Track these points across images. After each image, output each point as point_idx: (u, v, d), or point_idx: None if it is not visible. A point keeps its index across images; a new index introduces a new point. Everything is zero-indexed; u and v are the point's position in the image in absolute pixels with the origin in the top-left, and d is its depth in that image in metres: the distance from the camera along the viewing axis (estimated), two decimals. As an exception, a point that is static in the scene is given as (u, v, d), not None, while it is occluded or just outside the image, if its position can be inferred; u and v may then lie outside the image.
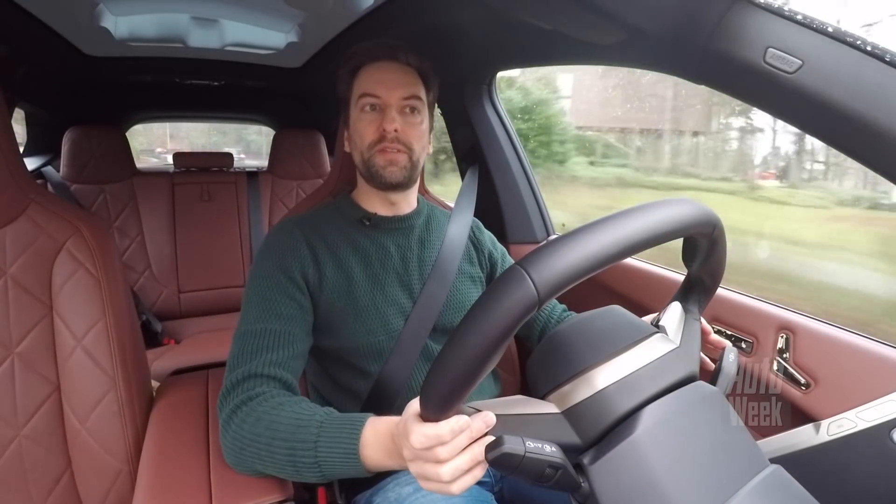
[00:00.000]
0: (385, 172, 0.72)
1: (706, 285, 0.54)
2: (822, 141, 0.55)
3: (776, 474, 0.40)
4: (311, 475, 0.54)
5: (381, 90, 0.72)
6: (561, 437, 0.40)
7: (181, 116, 2.65)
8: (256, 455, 0.56)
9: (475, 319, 0.35)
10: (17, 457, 0.67)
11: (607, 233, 0.36)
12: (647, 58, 0.73)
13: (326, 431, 0.53)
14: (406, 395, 0.72)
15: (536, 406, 0.43)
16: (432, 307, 0.76)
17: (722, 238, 0.47)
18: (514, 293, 0.34)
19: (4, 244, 0.67)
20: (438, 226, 0.85)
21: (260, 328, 0.64)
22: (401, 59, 0.74)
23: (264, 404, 0.57)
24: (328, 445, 0.52)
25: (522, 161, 1.34)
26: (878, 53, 0.47)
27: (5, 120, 0.68)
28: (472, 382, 0.36)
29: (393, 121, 0.71)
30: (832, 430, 0.65)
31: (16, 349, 0.66)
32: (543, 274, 0.34)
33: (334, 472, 0.53)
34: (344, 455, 0.52)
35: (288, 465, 0.54)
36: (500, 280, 0.35)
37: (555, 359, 0.45)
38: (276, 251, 0.71)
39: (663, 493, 0.36)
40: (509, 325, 0.34)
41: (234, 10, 1.18)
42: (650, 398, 0.42)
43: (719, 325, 0.84)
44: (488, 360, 0.35)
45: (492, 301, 0.35)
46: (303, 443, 0.53)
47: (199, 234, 1.79)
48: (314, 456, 0.53)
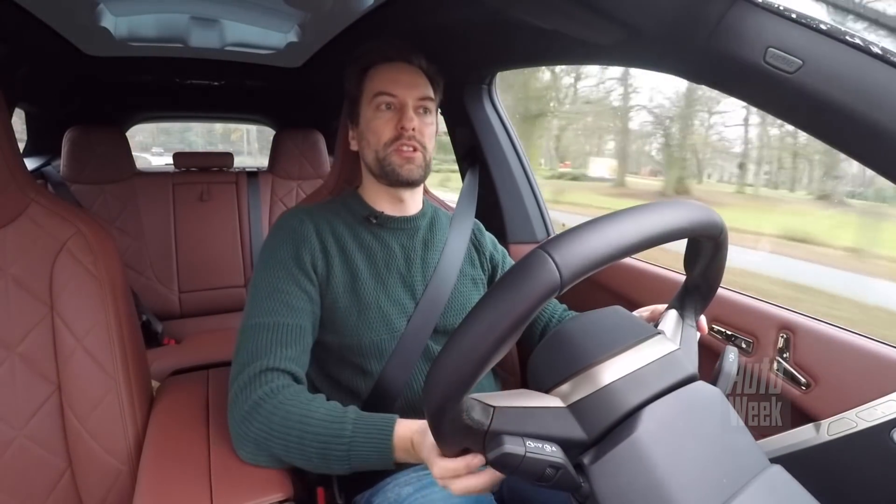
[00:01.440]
0: (402, 171, 0.73)
1: (703, 292, 0.54)
2: (822, 141, 0.55)
3: (777, 474, 0.40)
4: (339, 467, 0.59)
5: (399, 89, 0.73)
6: (566, 432, 0.40)
7: (181, 116, 2.65)
8: (284, 446, 0.59)
9: (492, 299, 0.34)
10: (18, 457, 0.67)
11: (628, 223, 0.37)
12: (646, 57, 0.73)
13: (360, 429, 0.58)
14: (407, 396, 0.72)
15: (541, 399, 0.42)
16: (434, 308, 0.76)
17: (726, 243, 0.47)
18: (536, 274, 0.33)
19: (5, 244, 0.67)
20: (441, 227, 0.86)
21: (272, 321, 0.65)
22: (413, 61, 0.76)
23: (291, 398, 0.60)
24: (361, 442, 0.57)
25: (522, 161, 1.34)
26: (878, 53, 0.47)
27: (5, 120, 0.68)
28: (477, 373, 0.35)
29: (412, 119, 0.72)
30: (832, 430, 0.65)
31: (16, 349, 0.66)
32: (566, 257, 0.33)
33: (362, 465, 0.58)
34: (376, 451, 0.57)
35: (317, 457, 0.58)
36: (520, 262, 0.34)
37: (559, 354, 0.45)
38: (289, 238, 0.72)
39: (664, 494, 0.36)
40: (529, 308, 0.33)
41: (234, 10, 1.18)
42: (656, 394, 0.42)
43: (719, 325, 0.84)
44: (501, 345, 0.34)
45: (512, 282, 0.33)
46: (337, 438, 0.57)
47: (200, 234, 1.79)
48: (347, 451, 0.57)
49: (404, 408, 0.72)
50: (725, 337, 0.83)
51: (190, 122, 4.59)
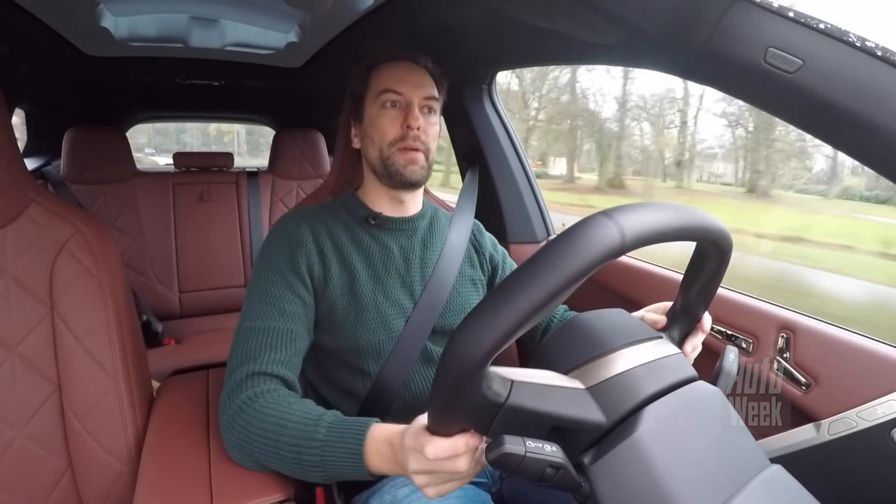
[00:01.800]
0: (405, 171, 0.73)
1: (693, 313, 0.55)
2: (822, 140, 0.55)
3: (777, 474, 0.40)
4: (316, 475, 0.55)
5: (405, 87, 0.73)
6: (585, 414, 0.39)
7: (181, 116, 2.64)
8: (263, 451, 0.56)
9: (549, 254, 0.32)
10: (18, 457, 0.67)
11: (680, 212, 0.38)
12: (646, 57, 0.73)
13: (333, 433, 0.54)
14: (405, 397, 0.72)
15: (560, 379, 0.42)
16: (433, 309, 0.76)
17: (730, 254, 0.47)
18: (598, 232, 0.32)
19: (5, 244, 0.67)
20: (441, 227, 0.85)
21: (263, 325, 0.64)
22: (420, 62, 0.76)
23: (272, 402, 0.58)
24: (334, 447, 0.53)
25: (522, 161, 1.34)
26: (878, 53, 0.47)
27: (5, 120, 0.68)
28: (516, 331, 0.32)
29: (417, 118, 0.72)
30: (832, 430, 0.65)
31: (17, 349, 0.66)
32: (630, 220, 0.33)
33: (338, 473, 0.54)
34: (348, 457, 0.53)
35: (293, 462, 0.55)
36: (580, 222, 0.33)
37: (577, 339, 0.45)
38: (285, 243, 0.71)
39: (664, 493, 0.36)
40: (587, 264, 0.31)
41: (235, 10, 1.18)
42: (675, 385, 0.42)
43: (719, 325, 0.84)
44: (549, 302, 0.32)
45: (571, 238, 0.32)
46: (309, 441, 0.54)
47: (200, 234, 1.79)
48: (320, 455, 0.53)
49: (402, 409, 0.72)
50: (725, 337, 0.83)
51: (189, 123, 4.59)
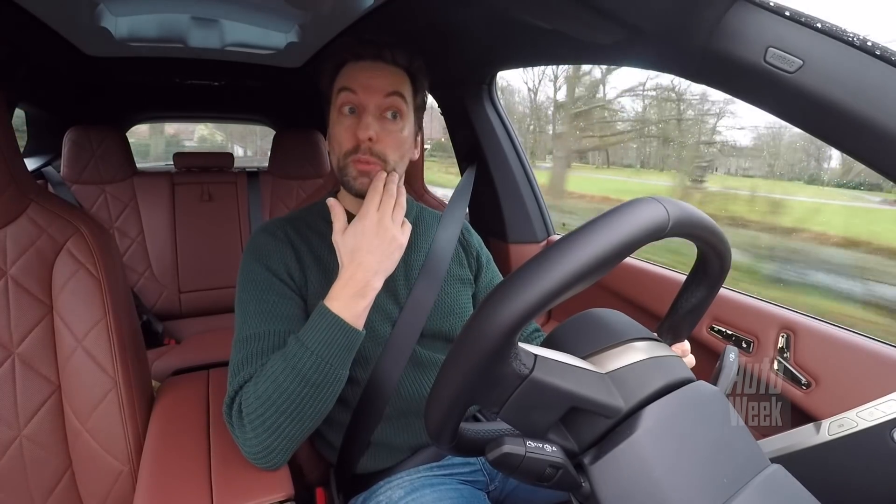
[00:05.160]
0: (356, 183, 0.68)
1: (678, 332, 0.54)
2: (822, 140, 0.55)
3: (777, 474, 0.40)
4: (334, 377, 0.59)
5: (360, 90, 0.67)
6: (605, 397, 0.39)
7: (181, 116, 2.64)
8: (288, 416, 0.57)
9: (596, 225, 0.33)
10: (18, 457, 0.67)
11: (711, 222, 0.41)
12: (646, 57, 0.73)
13: (310, 336, 0.58)
14: (395, 403, 0.71)
15: (580, 362, 0.41)
16: (420, 312, 0.73)
17: (729, 265, 0.47)
18: (645, 210, 0.33)
19: (5, 244, 0.67)
20: (427, 228, 0.83)
21: (262, 331, 0.63)
22: (386, 57, 0.69)
23: (260, 380, 0.58)
24: (322, 341, 0.58)
25: (523, 161, 1.34)
26: (878, 53, 0.47)
27: (5, 120, 0.68)
28: (556, 296, 0.32)
29: (368, 127, 0.66)
30: (833, 430, 0.65)
31: (16, 350, 0.66)
32: (676, 205, 0.36)
33: (347, 354, 0.59)
34: (337, 332, 0.58)
35: (311, 395, 0.57)
36: (628, 203, 0.35)
37: (594, 328, 0.45)
38: (262, 254, 0.70)
39: (664, 493, 0.36)
40: (633, 239, 0.32)
41: (235, 10, 1.17)
42: (685, 380, 0.43)
43: (719, 325, 0.84)
44: (592, 272, 0.32)
45: (618, 213, 0.34)
46: (303, 364, 0.57)
47: (200, 234, 1.79)
48: (321, 360, 0.57)
49: (394, 414, 0.71)
50: (725, 337, 0.83)
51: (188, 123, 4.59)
